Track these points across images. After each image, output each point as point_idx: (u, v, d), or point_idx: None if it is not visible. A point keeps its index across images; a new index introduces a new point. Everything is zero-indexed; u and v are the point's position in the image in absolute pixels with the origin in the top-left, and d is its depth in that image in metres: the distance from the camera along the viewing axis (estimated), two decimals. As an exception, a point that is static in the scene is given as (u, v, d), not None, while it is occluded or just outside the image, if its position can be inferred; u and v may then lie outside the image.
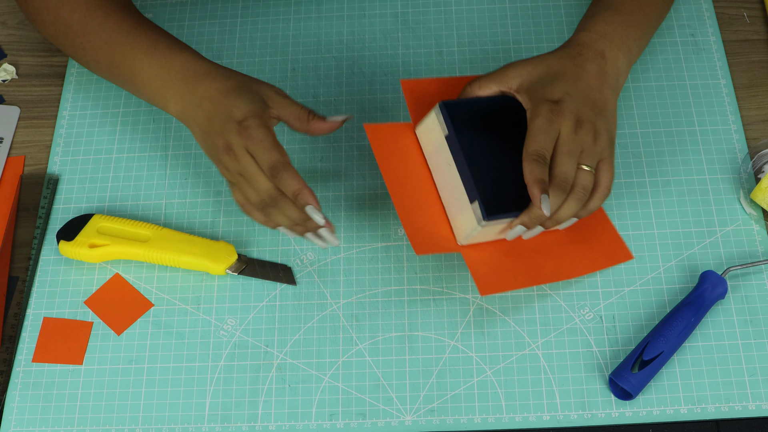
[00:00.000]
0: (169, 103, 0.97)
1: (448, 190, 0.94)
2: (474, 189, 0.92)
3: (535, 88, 0.94)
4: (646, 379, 0.93)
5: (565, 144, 0.91)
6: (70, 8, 1.02)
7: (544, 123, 0.91)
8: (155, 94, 0.98)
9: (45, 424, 0.94)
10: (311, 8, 1.18)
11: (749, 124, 1.08)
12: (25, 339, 0.99)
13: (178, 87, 0.96)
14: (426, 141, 0.96)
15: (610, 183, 0.94)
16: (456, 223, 0.94)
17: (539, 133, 0.91)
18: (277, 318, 0.99)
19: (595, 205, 0.94)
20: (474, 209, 0.92)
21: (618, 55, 0.97)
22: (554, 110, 0.92)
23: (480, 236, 0.94)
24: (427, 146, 0.96)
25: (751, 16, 1.16)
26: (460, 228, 0.94)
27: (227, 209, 1.05)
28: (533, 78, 0.95)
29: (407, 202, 0.94)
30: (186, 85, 0.96)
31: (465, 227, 0.93)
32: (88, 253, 1.00)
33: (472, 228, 0.92)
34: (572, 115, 0.92)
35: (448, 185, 0.94)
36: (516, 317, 0.98)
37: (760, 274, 0.99)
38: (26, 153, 1.10)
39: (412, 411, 0.94)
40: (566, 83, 0.94)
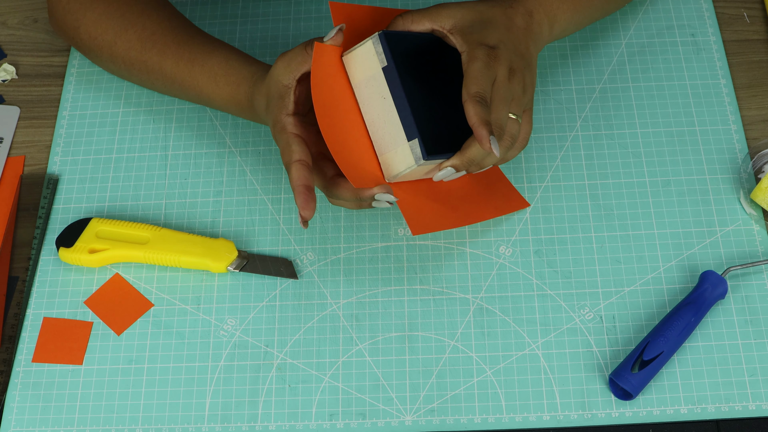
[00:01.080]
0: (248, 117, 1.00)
1: (380, 126, 0.91)
2: (414, 126, 0.89)
3: (469, 31, 0.93)
4: (646, 379, 0.92)
5: (500, 90, 0.91)
6: (125, 47, 1.03)
7: (483, 66, 0.90)
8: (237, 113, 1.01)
9: (45, 424, 0.94)
10: (311, 8, 1.18)
11: (749, 124, 1.08)
12: (25, 339, 0.99)
13: (249, 113, 0.99)
14: (356, 71, 0.92)
15: (529, 135, 0.95)
16: (386, 159, 0.91)
17: (480, 76, 0.90)
18: (277, 318, 0.99)
19: (513, 155, 0.95)
20: (412, 147, 0.89)
21: (543, 19, 0.98)
22: (491, 55, 0.91)
23: (408, 175, 0.92)
24: (357, 76, 0.92)
25: (751, 16, 1.16)
26: (391, 165, 0.91)
27: (227, 209, 1.05)
28: (466, 21, 0.94)
29: (339, 137, 0.90)
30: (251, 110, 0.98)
31: (397, 165, 0.90)
32: (88, 259, 1.00)
33: (407, 166, 0.90)
34: (506, 63, 0.92)
35: (380, 120, 0.91)
36: (516, 317, 0.98)
37: (760, 274, 0.99)
38: (26, 153, 1.10)
39: (412, 411, 0.94)
40: (499, 31, 0.94)
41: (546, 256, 1.01)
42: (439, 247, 1.02)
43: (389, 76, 0.90)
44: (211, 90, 1.00)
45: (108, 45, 1.04)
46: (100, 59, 1.06)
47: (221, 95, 1.00)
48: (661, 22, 1.15)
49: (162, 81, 1.03)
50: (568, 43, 1.14)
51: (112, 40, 1.03)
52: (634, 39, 1.14)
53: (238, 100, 0.99)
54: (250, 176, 1.07)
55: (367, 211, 1.04)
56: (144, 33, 1.02)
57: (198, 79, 1.01)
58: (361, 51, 0.91)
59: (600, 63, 1.13)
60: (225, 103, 1.00)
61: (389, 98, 0.90)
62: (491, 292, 0.99)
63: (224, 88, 0.99)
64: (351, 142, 0.91)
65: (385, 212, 1.04)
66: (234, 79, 0.99)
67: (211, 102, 1.02)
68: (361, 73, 0.92)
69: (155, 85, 1.04)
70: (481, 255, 1.01)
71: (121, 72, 1.06)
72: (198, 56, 1.01)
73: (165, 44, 1.02)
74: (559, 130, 1.08)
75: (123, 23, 1.03)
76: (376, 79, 0.91)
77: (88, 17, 1.04)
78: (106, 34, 1.03)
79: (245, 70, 0.98)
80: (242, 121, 1.10)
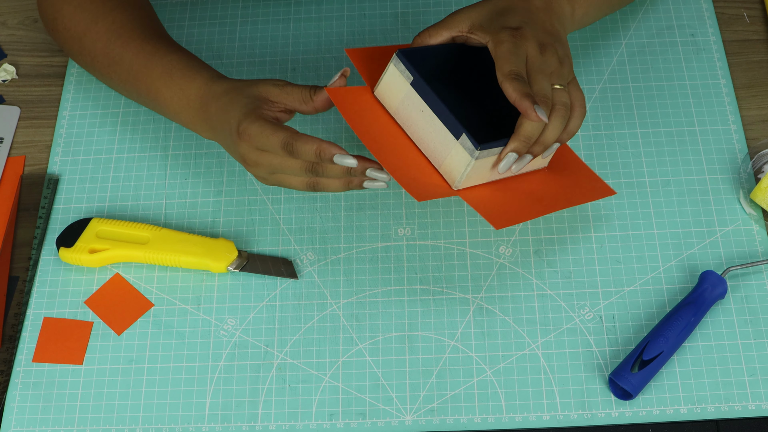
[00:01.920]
0: (200, 131, 0.98)
1: (429, 139, 0.91)
2: (457, 123, 0.89)
3: (488, 22, 0.93)
4: (646, 379, 0.93)
5: (535, 64, 0.90)
6: (93, 38, 1.03)
7: (510, 47, 0.90)
8: (186, 124, 0.98)
9: (45, 424, 0.94)
10: (311, 8, 1.18)
11: (749, 124, 1.08)
12: (25, 339, 0.99)
13: (198, 116, 0.97)
14: (389, 98, 0.92)
15: (584, 101, 0.93)
16: (446, 168, 0.91)
17: (510, 55, 0.89)
18: (277, 318, 0.99)
19: (575, 125, 0.93)
20: (463, 143, 0.89)
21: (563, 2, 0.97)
22: (516, 35, 0.90)
23: (473, 175, 0.91)
24: (392, 103, 0.92)
25: (751, 16, 1.16)
26: (452, 171, 0.90)
27: (227, 209, 1.05)
28: (483, 17, 0.94)
29: (392, 158, 0.90)
30: (204, 113, 0.96)
31: (457, 166, 0.90)
32: (88, 259, 1.00)
33: (466, 163, 0.89)
34: (534, 39, 0.91)
35: (427, 133, 0.91)
36: (516, 317, 0.98)
37: (760, 274, 0.99)
38: (26, 153, 1.10)
39: (412, 411, 0.94)
40: (519, 14, 0.93)
41: (546, 256, 1.01)
42: (439, 247, 1.02)
43: (419, 89, 0.90)
44: (162, 83, 0.98)
45: (78, 37, 1.04)
46: (72, 53, 1.06)
47: (171, 89, 0.98)
48: (661, 22, 1.15)
49: (119, 74, 1.02)
50: (568, 43, 1.14)
51: (82, 32, 1.03)
52: (634, 39, 1.14)
53: (188, 96, 0.97)
54: (250, 176, 1.07)
55: (367, 212, 1.04)
56: (113, 26, 1.02)
57: (153, 71, 0.99)
58: (387, 77, 0.92)
59: (600, 63, 1.13)
60: (172, 98, 0.98)
61: (427, 109, 0.90)
62: (491, 292, 0.99)
63: (177, 82, 0.97)
64: (409, 164, 0.91)
65: (386, 212, 1.04)
66: (190, 74, 0.97)
67: (158, 97, 0.99)
68: (395, 99, 0.92)
69: (113, 79, 1.03)
70: (481, 255, 1.01)
71: (87, 66, 1.05)
72: (160, 51, 1.00)
73: (131, 38, 1.01)
74: (559, 130, 1.08)
75: (95, 16, 1.03)
76: (409, 97, 0.91)
77: (65, 10, 1.04)
78: (78, 26, 1.03)
79: (204, 71, 0.98)
80: (242, 121, 1.10)
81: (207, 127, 0.96)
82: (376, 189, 1.01)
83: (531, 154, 0.91)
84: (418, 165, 0.91)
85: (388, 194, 1.05)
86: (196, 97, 0.96)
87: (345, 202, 1.05)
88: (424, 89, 0.90)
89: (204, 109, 0.96)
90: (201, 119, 0.96)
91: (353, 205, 1.05)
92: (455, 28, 0.94)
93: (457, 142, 0.89)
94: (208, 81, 0.96)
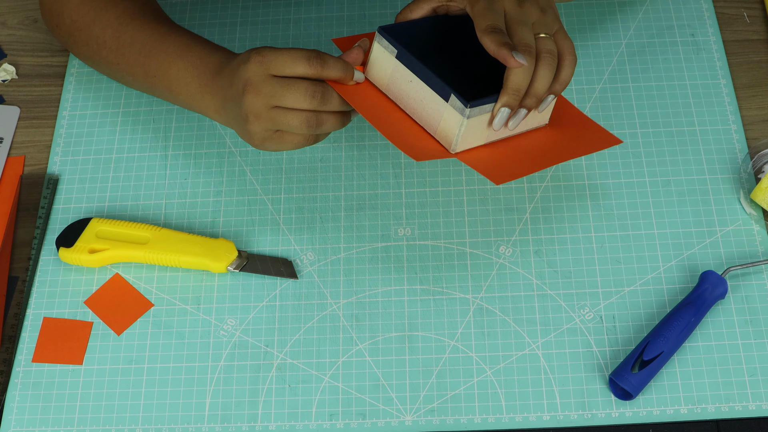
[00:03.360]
0: (207, 101, 0.96)
1: (421, 108, 0.91)
2: (444, 85, 0.88)
3: None
4: (646, 379, 0.92)
5: (513, 16, 0.89)
6: (102, 25, 1.02)
7: (486, 3, 0.89)
8: (193, 96, 0.97)
9: (45, 424, 0.94)
10: (311, 9, 1.18)
11: (749, 124, 1.08)
12: (25, 339, 0.99)
13: (212, 81, 0.96)
14: (379, 76, 0.92)
15: (573, 50, 0.91)
16: (441, 133, 0.91)
17: (485, 12, 0.89)
18: (277, 318, 0.99)
19: (567, 73, 0.91)
20: (453, 104, 0.88)
21: None
22: None
23: (469, 136, 0.90)
24: (382, 81, 0.92)
25: (751, 16, 1.16)
26: (447, 135, 0.90)
27: (227, 209, 1.05)
28: None
29: (389, 125, 0.90)
30: (218, 76, 0.95)
31: (452, 129, 0.90)
32: (88, 259, 1.00)
33: (459, 123, 0.89)
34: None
35: (418, 103, 0.91)
36: (516, 317, 0.98)
37: (760, 274, 0.99)
38: (26, 153, 1.10)
39: (412, 411, 0.94)
40: None
41: (546, 256, 1.01)
42: (439, 247, 1.02)
43: (405, 60, 0.90)
44: (178, 55, 0.98)
45: (86, 26, 1.03)
46: (77, 44, 1.05)
47: (188, 59, 0.97)
48: (661, 22, 1.15)
49: (128, 57, 1.01)
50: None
51: (91, 21, 1.03)
52: (634, 39, 1.14)
53: (207, 62, 0.96)
54: (250, 176, 1.07)
55: (367, 212, 1.04)
56: (126, 12, 1.02)
57: (169, 46, 0.99)
58: (373, 55, 0.92)
59: (600, 63, 1.13)
60: (187, 68, 0.97)
61: (415, 78, 0.90)
62: (491, 292, 0.99)
63: (196, 53, 0.97)
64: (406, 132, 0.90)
65: (386, 212, 1.04)
66: (209, 47, 0.97)
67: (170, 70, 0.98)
68: (384, 75, 0.92)
69: (120, 63, 1.02)
70: (481, 255, 1.01)
71: (93, 56, 1.05)
72: (176, 30, 1.00)
73: (144, 21, 1.01)
74: (559, 130, 1.08)
75: (105, 4, 1.03)
76: (397, 71, 0.91)
77: (72, 2, 1.04)
78: (86, 15, 1.03)
79: (222, 49, 0.98)
80: (242, 121, 1.10)
81: (216, 89, 0.95)
82: (374, 188, 1.01)
83: (525, 108, 0.90)
84: (415, 133, 0.91)
85: (388, 194, 1.05)
86: (216, 62, 0.96)
87: (345, 202, 1.05)
88: (409, 60, 0.90)
89: (219, 73, 0.95)
90: (214, 83, 0.95)
91: (353, 205, 1.05)
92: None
93: (447, 105, 0.89)
94: (230, 54, 0.96)
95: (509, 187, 1.05)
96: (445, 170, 1.07)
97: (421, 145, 0.90)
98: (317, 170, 1.07)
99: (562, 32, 0.92)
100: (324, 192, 1.05)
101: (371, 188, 1.06)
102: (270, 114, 0.90)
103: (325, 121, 0.91)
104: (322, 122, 0.91)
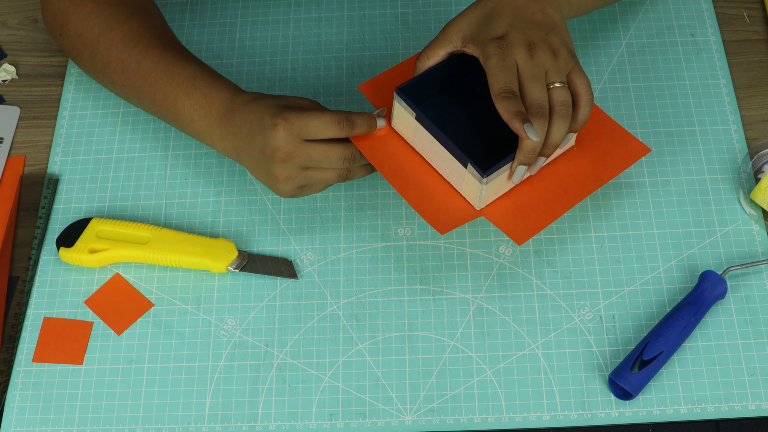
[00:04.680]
0: (215, 141, 0.97)
1: (444, 165, 0.94)
2: (461, 154, 0.91)
3: (477, 33, 0.93)
4: (646, 379, 0.93)
5: (526, 71, 0.90)
6: (107, 45, 1.02)
7: (497, 61, 0.90)
8: (201, 133, 0.98)
9: (45, 424, 0.94)
10: (311, 9, 1.18)
11: (749, 124, 1.08)
12: (25, 339, 0.99)
13: (220, 124, 0.96)
14: (403, 130, 0.95)
15: (588, 87, 0.92)
16: (465, 191, 0.94)
17: (498, 72, 0.90)
18: (277, 318, 0.99)
19: (584, 113, 0.92)
20: (471, 172, 0.91)
21: None
22: (502, 45, 0.91)
23: (492, 192, 0.93)
24: (407, 134, 0.95)
25: (751, 16, 1.16)
26: (470, 195, 0.93)
27: (227, 209, 1.05)
28: (473, 26, 0.94)
29: (413, 190, 0.93)
30: (227, 120, 0.95)
31: (473, 191, 0.92)
32: (88, 259, 1.00)
33: (479, 189, 0.91)
34: (522, 43, 0.91)
35: (442, 161, 0.93)
36: (516, 317, 0.98)
37: (760, 274, 1.00)
38: (26, 153, 1.10)
39: (412, 411, 0.94)
40: (506, 16, 0.93)
41: (546, 256, 1.01)
42: (439, 247, 1.02)
43: (424, 123, 0.93)
44: (183, 91, 0.98)
45: (91, 42, 1.03)
46: (81, 58, 1.05)
47: (193, 97, 0.97)
48: (661, 22, 1.15)
49: (132, 81, 1.01)
50: (568, 43, 1.14)
51: (95, 38, 1.03)
52: (634, 39, 1.14)
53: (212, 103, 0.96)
54: (250, 176, 1.07)
55: (367, 212, 1.04)
56: (130, 34, 1.02)
57: (174, 79, 0.99)
58: (396, 113, 0.95)
59: (600, 63, 1.13)
60: (192, 106, 0.97)
61: (434, 141, 0.93)
62: (491, 292, 0.99)
63: (201, 90, 0.97)
64: (431, 193, 0.94)
65: (386, 212, 1.04)
66: (215, 84, 0.97)
67: (176, 105, 0.98)
68: (408, 130, 0.95)
69: (125, 86, 1.02)
70: (481, 255, 1.01)
71: (97, 72, 1.04)
72: (181, 60, 1.00)
73: (149, 45, 1.01)
74: (559, 130, 1.08)
75: (110, 22, 1.02)
76: (418, 129, 0.93)
77: (77, 14, 1.04)
78: (91, 31, 1.03)
79: (229, 83, 0.98)
80: (242, 121, 1.10)
81: (226, 134, 0.96)
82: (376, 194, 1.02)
83: (543, 156, 0.92)
84: (441, 191, 0.94)
85: (388, 194, 1.05)
86: (221, 104, 0.96)
87: (345, 202, 1.05)
88: (427, 123, 0.92)
89: (227, 117, 0.95)
90: (222, 127, 0.96)
91: (353, 205, 1.05)
92: (450, 44, 0.95)
93: (466, 171, 0.92)
94: (234, 92, 0.96)
95: (509, 187, 1.05)
96: (445, 170, 1.07)
97: (446, 207, 0.93)
98: (317, 170, 1.07)
99: (577, 70, 0.93)
100: (324, 192, 1.05)
101: (371, 188, 1.06)
102: (303, 174, 0.93)
103: (355, 174, 0.95)
104: (354, 175, 0.95)
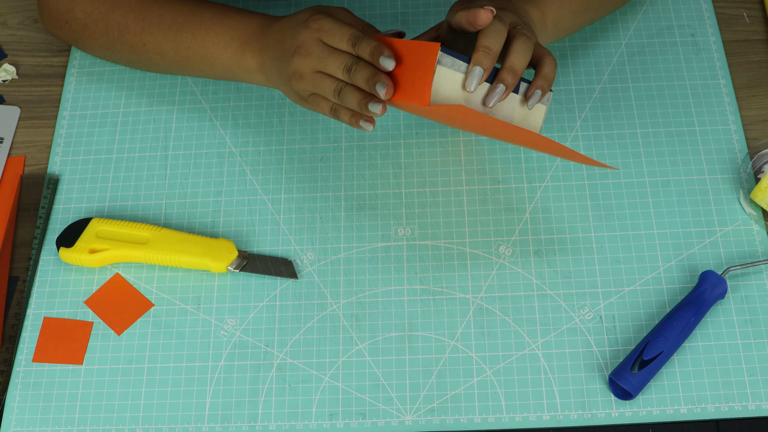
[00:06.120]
0: (248, 59, 0.99)
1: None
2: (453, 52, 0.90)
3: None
4: (646, 379, 0.93)
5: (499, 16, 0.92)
6: (123, 11, 1.03)
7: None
8: (232, 57, 1.00)
9: (45, 424, 0.94)
10: (311, 8, 1.18)
11: (749, 124, 1.09)
12: (25, 339, 0.99)
13: (255, 39, 0.99)
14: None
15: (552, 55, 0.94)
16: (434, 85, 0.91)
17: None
18: (277, 318, 0.99)
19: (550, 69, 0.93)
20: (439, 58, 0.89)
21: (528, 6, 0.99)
22: None
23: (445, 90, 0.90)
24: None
25: (751, 16, 1.16)
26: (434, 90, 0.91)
27: (227, 209, 1.05)
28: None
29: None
30: (263, 35, 0.98)
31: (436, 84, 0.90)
32: (88, 259, 1.00)
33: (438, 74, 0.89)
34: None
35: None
36: (516, 317, 0.98)
37: (760, 274, 1.00)
38: (26, 153, 1.10)
39: (412, 411, 0.94)
40: None
41: (546, 256, 1.01)
42: (439, 247, 1.02)
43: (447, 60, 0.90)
44: (213, 23, 1.00)
45: (104, 15, 1.04)
46: (93, 36, 1.05)
47: (225, 25, 1.00)
48: (661, 22, 1.15)
49: (155, 35, 1.03)
50: (568, 43, 1.14)
51: (109, 9, 1.03)
52: (634, 39, 1.14)
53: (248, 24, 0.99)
54: (250, 176, 1.07)
55: (367, 212, 1.04)
56: None
57: (204, 15, 1.01)
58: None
59: (600, 63, 1.13)
60: (226, 32, 1.00)
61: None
62: (491, 292, 0.99)
63: (234, 18, 1.00)
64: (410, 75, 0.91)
65: (386, 212, 1.04)
66: (247, 12, 1.00)
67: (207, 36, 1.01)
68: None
69: (146, 44, 1.03)
70: (481, 255, 1.01)
71: (114, 44, 1.05)
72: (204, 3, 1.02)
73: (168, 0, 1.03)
74: (559, 130, 1.09)
75: None
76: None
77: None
78: (103, 4, 1.04)
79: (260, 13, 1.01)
80: (242, 120, 1.10)
81: (260, 48, 0.98)
82: (375, 191, 1.02)
83: (502, 83, 0.90)
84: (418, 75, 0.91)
85: (388, 194, 1.05)
86: (257, 24, 0.99)
87: (345, 202, 1.05)
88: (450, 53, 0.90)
89: (263, 32, 0.98)
90: (258, 41, 0.99)
91: (353, 205, 1.05)
92: None
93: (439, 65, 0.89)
94: (268, 16, 1.00)
95: (509, 187, 1.05)
96: (445, 170, 1.07)
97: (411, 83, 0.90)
98: (317, 170, 1.07)
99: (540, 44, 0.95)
100: (324, 192, 1.06)
101: (371, 188, 1.06)
102: (313, 77, 0.94)
103: (347, 94, 0.93)
104: (345, 95, 0.93)
